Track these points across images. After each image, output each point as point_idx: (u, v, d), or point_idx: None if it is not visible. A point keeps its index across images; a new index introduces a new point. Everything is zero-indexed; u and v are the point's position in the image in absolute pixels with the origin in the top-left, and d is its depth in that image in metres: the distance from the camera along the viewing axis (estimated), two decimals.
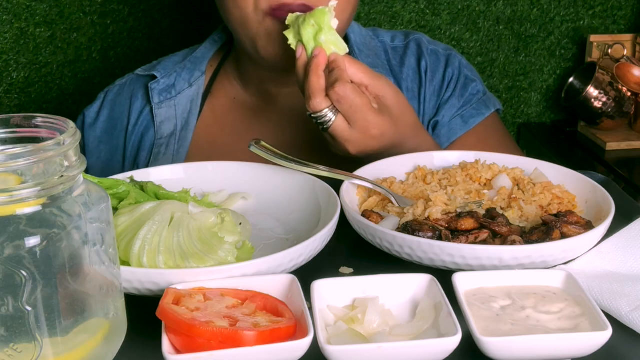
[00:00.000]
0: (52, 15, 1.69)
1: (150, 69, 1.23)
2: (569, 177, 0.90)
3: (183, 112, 1.20)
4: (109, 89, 1.26)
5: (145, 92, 1.21)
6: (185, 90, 1.20)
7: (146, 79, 1.22)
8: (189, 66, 1.21)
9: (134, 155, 1.21)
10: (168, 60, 1.24)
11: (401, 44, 1.25)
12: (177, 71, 1.21)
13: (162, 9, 1.77)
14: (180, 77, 1.20)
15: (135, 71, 1.25)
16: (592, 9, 1.93)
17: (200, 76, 1.21)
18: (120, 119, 1.22)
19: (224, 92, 1.22)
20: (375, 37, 1.25)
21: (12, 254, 0.53)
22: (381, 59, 1.22)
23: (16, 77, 1.71)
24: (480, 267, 0.72)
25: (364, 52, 1.20)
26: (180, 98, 1.20)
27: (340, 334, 0.64)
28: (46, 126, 0.60)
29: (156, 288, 0.67)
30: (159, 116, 1.19)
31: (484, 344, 0.60)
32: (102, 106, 1.24)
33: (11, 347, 0.55)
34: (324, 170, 0.86)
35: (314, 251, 0.75)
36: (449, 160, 0.96)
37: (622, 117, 1.84)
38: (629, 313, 0.67)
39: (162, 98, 1.19)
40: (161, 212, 0.74)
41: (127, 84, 1.24)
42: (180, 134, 1.19)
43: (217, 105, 1.21)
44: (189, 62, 1.21)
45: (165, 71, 1.21)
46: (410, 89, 1.21)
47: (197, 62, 1.21)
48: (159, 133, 1.19)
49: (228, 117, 1.21)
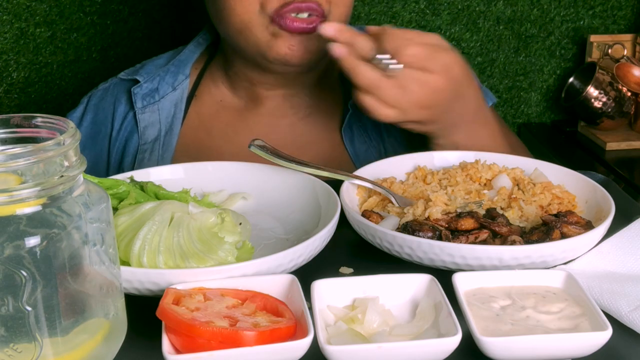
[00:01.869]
0: (52, 15, 1.69)
1: (133, 72, 1.21)
2: (569, 177, 0.90)
3: (167, 116, 1.18)
4: (92, 93, 1.24)
5: (128, 97, 1.19)
6: (168, 94, 1.18)
7: (129, 83, 1.20)
8: (173, 69, 1.19)
9: (118, 161, 1.19)
10: (151, 64, 1.22)
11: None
12: (161, 75, 1.19)
13: (162, 9, 1.77)
14: (164, 80, 1.19)
15: (119, 75, 1.23)
16: (592, 9, 1.93)
17: (184, 79, 1.19)
18: (104, 124, 1.21)
19: (210, 95, 1.20)
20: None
21: (12, 254, 0.53)
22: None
23: (16, 77, 1.71)
24: (480, 267, 0.72)
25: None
26: (164, 102, 1.18)
27: (340, 334, 0.64)
28: (46, 126, 0.60)
29: (156, 288, 0.67)
30: (142, 121, 1.17)
31: (484, 344, 0.60)
32: (85, 111, 1.22)
33: (11, 347, 0.55)
34: (324, 170, 0.86)
35: (314, 251, 0.75)
36: (449, 160, 0.96)
37: (622, 117, 1.84)
38: (629, 313, 0.67)
39: (145, 103, 1.18)
40: (161, 212, 0.74)
41: (110, 88, 1.22)
42: (164, 139, 1.17)
43: (203, 109, 1.20)
44: (172, 66, 1.19)
45: (149, 75, 1.19)
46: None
47: (181, 65, 1.20)
48: (142, 138, 1.17)
49: (214, 121, 1.19)
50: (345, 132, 1.17)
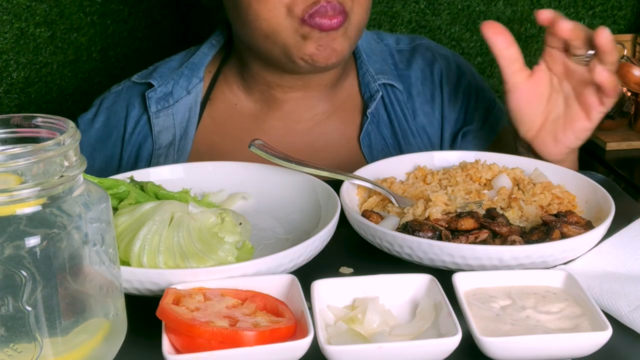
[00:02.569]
0: (52, 15, 1.69)
1: (147, 76, 1.20)
2: (569, 177, 0.90)
3: (182, 120, 1.17)
4: (104, 96, 1.23)
5: (142, 101, 1.18)
6: (183, 98, 1.17)
7: (143, 86, 1.19)
8: (186, 73, 1.18)
9: (131, 165, 1.18)
10: (164, 67, 1.21)
11: (406, 47, 1.24)
12: (175, 78, 1.18)
13: (162, 9, 1.77)
14: (178, 84, 1.17)
15: (131, 78, 1.21)
16: (592, 9, 1.93)
17: (198, 83, 1.18)
18: (117, 127, 1.20)
19: (224, 98, 1.19)
20: (379, 40, 1.24)
21: (12, 254, 0.53)
22: (387, 63, 1.21)
23: (16, 77, 1.71)
24: (480, 267, 0.72)
25: (372, 58, 1.20)
26: (178, 106, 1.17)
27: (340, 334, 0.64)
28: (46, 126, 0.60)
29: (156, 288, 0.67)
30: (156, 125, 1.17)
31: (484, 344, 0.60)
32: (97, 113, 1.21)
33: (11, 347, 0.55)
34: (324, 170, 0.86)
35: (314, 251, 0.75)
36: (449, 160, 0.96)
37: (622, 117, 1.84)
38: (629, 313, 0.67)
39: (160, 107, 1.17)
40: (161, 212, 0.74)
41: (123, 91, 1.21)
42: (179, 144, 1.16)
43: (217, 112, 1.19)
44: (186, 69, 1.18)
45: (162, 79, 1.18)
46: (421, 93, 1.21)
47: (195, 68, 1.18)
48: (157, 143, 1.17)
49: (229, 124, 1.18)
50: (363, 140, 1.17)
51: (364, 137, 1.16)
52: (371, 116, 1.17)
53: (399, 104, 1.19)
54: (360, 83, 1.19)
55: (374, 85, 1.18)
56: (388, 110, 1.18)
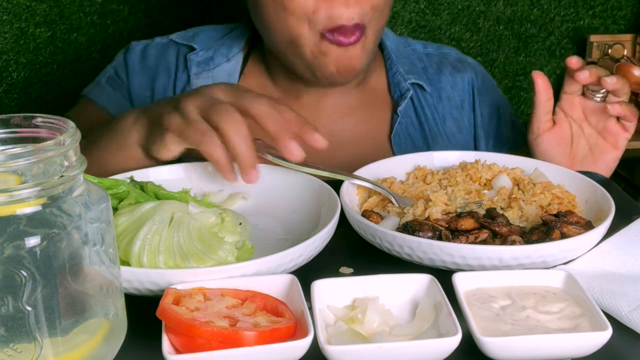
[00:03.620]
0: (52, 15, 1.69)
1: (189, 39, 1.23)
2: (569, 177, 0.90)
3: None
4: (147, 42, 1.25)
5: (182, 60, 1.22)
6: (223, 64, 1.20)
7: (183, 47, 1.23)
8: (228, 42, 1.22)
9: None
10: (204, 34, 1.24)
11: (435, 52, 1.26)
12: (216, 46, 1.21)
13: (162, 9, 1.77)
14: (219, 51, 1.21)
15: (170, 36, 1.25)
16: (592, 9, 1.93)
17: (238, 52, 1.21)
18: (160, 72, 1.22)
19: (255, 77, 1.22)
20: (407, 44, 1.26)
21: (12, 254, 0.53)
22: (416, 66, 1.22)
23: (16, 77, 1.71)
24: (480, 267, 0.72)
25: (400, 60, 1.21)
26: (218, 71, 1.20)
27: (340, 334, 0.64)
28: (46, 126, 0.60)
29: (156, 288, 0.67)
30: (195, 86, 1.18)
31: (484, 344, 0.60)
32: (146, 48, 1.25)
33: (11, 347, 0.55)
34: (324, 170, 0.86)
35: (314, 251, 0.75)
36: (449, 160, 0.96)
37: None
38: (629, 313, 0.67)
39: (200, 69, 1.20)
40: (161, 212, 0.74)
41: (168, 45, 1.24)
42: None
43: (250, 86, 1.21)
44: (227, 39, 1.22)
45: (204, 44, 1.22)
46: (451, 98, 1.22)
47: (236, 40, 1.22)
48: None
49: None
50: (394, 139, 1.18)
51: (395, 135, 1.18)
52: (402, 114, 1.17)
53: (428, 107, 1.20)
54: (390, 83, 1.21)
55: (404, 85, 1.19)
56: (418, 113, 1.20)
